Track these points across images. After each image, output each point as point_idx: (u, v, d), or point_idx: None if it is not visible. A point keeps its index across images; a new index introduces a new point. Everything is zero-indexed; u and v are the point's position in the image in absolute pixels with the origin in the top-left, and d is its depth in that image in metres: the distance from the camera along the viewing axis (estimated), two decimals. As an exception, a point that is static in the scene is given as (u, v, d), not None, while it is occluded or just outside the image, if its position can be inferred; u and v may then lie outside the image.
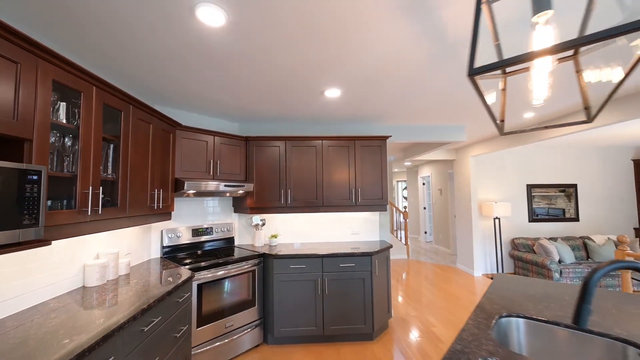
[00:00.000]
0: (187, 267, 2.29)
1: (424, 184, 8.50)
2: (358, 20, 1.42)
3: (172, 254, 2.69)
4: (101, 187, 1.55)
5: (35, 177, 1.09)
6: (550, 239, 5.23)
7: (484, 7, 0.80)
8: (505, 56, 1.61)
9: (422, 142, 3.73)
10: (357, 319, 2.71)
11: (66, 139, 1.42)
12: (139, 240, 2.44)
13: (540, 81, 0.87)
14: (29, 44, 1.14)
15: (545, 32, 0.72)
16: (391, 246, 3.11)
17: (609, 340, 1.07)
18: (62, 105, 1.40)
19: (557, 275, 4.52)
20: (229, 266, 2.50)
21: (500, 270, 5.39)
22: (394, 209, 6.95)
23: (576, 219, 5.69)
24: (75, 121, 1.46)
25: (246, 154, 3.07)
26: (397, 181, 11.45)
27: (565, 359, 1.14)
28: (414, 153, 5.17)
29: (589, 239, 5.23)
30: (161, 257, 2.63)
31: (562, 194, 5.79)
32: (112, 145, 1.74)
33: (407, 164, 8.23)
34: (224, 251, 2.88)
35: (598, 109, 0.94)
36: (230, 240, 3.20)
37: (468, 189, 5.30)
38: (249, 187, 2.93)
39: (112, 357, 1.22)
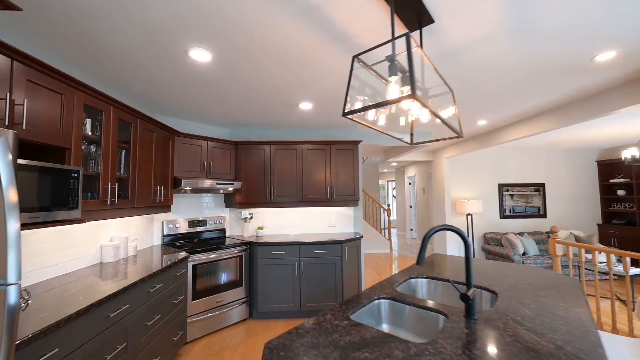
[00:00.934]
0: (183, 250, 2.75)
1: (410, 183, 8.98)
2: (309, 56, 1.89)
3: (171, 242, 3.16)
4: (117, 183, 2.01)
5: (75, 175, 1.55)
6: (519, 233, 5.72)
7: (355, 63, 1.26)
8: (374, 99, 2.09)
9: (391, 145, 4.20)
10: (330, 296, 3.18)
11: (91, 147, 1.89)
12: (144, 229, 2.90)
13: (413, 111, 1.32)
14: (69, 79, 1.61)
15: (395, 87, 1.18)
16: (362, 236, 3.59)
17: (476, 288, 1.54)
18: (88, 121, 1.87)
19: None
20: (220, 251, 2.97)
21: (472, 262, 5.87)
22: (379, 206, 7.43)
23: (544, 216, 6.18)
24: (97, 133, 1.92)
25: (236, 156, 3.54)
26: (388, 181, 11.94)
27: (446, 298, 1.61)
28: (394, 154, 5.65)
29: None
30: (162, 244, 3.09)
31: (537, 192, 6.28)
32: (124, 150, 2.21)
33: (394, 164, 8.71)
34: (216, 240, 3.35)
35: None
36: (222, 231, 3.67)
37: (442, 187, 5.78)
38: (238, 184, 3.39)
39: (128, 305, 1.69)
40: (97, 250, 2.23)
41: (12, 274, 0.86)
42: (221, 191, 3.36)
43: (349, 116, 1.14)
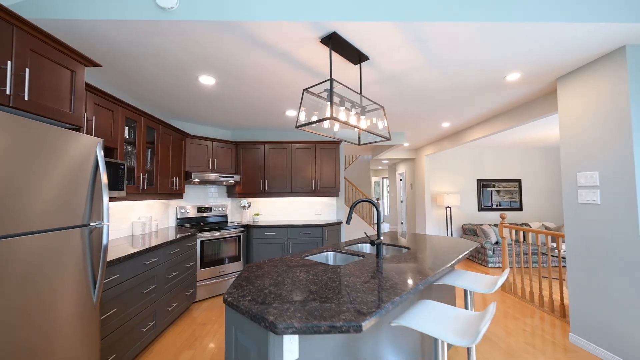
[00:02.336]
0: (193, 229, 3.45)
1: (400, 180, 9.58)
2: (287, 80, 2.55)
3: (182, 224, 3.86)
4: (145, 174, 2.71)
5: (122, 167, 2.25)
6: (494, 225, 6.30)
7: (305, 93, 1.91)
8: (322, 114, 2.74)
9: (370, 145, 4.84)
10: (312, 270, 3.85)
11: (129, 147, 2.59)
12: (162, 212, 3.61)
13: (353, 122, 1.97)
14: (117, 100, 2.30)
15: (328, 109, 1.82)
16: (341, 222, 4.25)
17: (397, 246, 2.20)
18: (127, 128, 2.56)
19: (490, 252, 5.57)
20: (222, 231, 3.66)
21: (450, 250, 6.49)
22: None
23: (520, 209, 6.75)
24: (133, 136, 2.62)
25: (236, 153, 4.22)
26: (383, 178, 12.55)
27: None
28: (378, 152, 6.28)
29: (527, 225, 6.27)
30: (176, 225, 3.80)
31: (515, 188, 6.86)
32: (149, 149, 2.90)
33: (385, 162, 9.33)
34: (220, 223, 4.05)
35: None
36: (225, 217, 4.37)
37: (423, 182, 6.40)
38: (237, 177, 4.08)
39: (157, 259, 2.39)
40: (129, 226, 2.94)
41: (106, 219, 1.55)
42: (224, 183, 4.05)
43: (301, 127, 1.80)
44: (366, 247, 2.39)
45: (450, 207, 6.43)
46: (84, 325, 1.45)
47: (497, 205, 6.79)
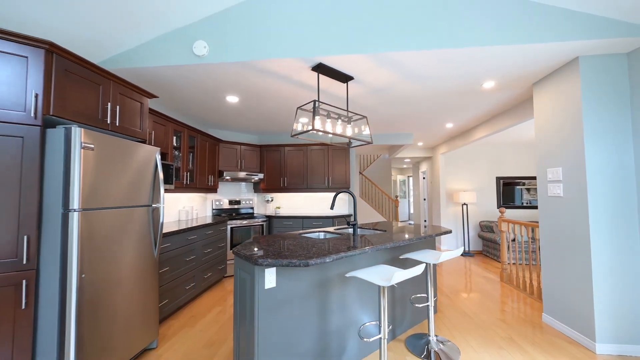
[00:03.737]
0: (225, 218, 4.23)
1: (424, 178, 9.71)
2: (294, 94, 3.16)
3: (218, 214, 4.68)
4: (188, 172, 3.52)
5: (171, 167, 3.04)
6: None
7: (299, 110, 2.49)
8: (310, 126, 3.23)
9: (385, 145, 5.27)
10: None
11: (176, 152, 3.41)
12: (201, 204, 4.46)
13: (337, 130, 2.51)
14: (167, 117, 3.10)
15: (318, 121, 2.37)
16: (350, 214, 4.77)
17: (378, 230, 2.69)
18: (174, 138, 3.38)
19: (505, 248, 5.68)
20: (248, 220, 4.40)
21: (467, 248, 6.62)
22: (388, 198, 8.39)
23: (537, 207, 6.63)
24: (179, 143, 3.43)
25: (260, 155, 4.95)
26: (408, 176, 12.65)
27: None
28: (394, 151, 6.63)
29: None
30: (212, 214, 4.63)
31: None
32: (191, 153, 3.72)
33: (407, 160, 9.54)
34: (247, 214, 4.81)
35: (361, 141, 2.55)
36: (252, 209, 5.13)
37: (438, 180, 6.61)
38: (261, 175, 4.80)
39: (196, 236, 3.15)
40: (176, 213, 3.79)
41: (162, 203, 2.30)
42: (251, 180, 4.80)
43: (295, 135, 2.39)
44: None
45: (466, 204, 6.56)
46: (149, 270, 2.20)
47: (527, 204, 6.73)
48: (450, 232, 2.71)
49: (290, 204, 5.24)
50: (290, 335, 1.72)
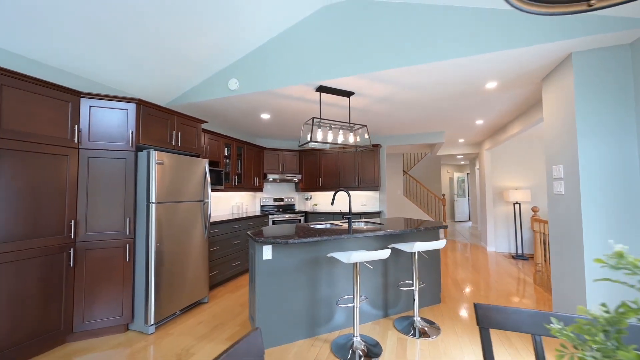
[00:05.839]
0: (270, 213, 5.10)
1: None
2: (308, 109, 3.75)
3: (265, 210, 5.60)
4: (236, 176, 4.46)
5: (221, 172, 3.99)
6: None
7: (306, 124, 3.04)
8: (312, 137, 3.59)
9: (418, 144, 5.43)
10: (352, 248, 4.91)
11: (226, 160, 4.38)
12: (251, 201, 5.44)
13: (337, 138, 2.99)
14: (218, 134, 4.07)
15: (319, 133, 2.88)
16: (380, 212, 5.10)
17: (375, 223, 3.08)
18: (225, 149, 4.35)
19: (539, 249, 5.20)
20: (288, 215, 5.18)
21: (520, 250, 6.13)
22: (434, 196, 8.22)
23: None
24: (228, 153, 4.40)
25: (299, 159, 5.70)
26: (467, 173, 11.83)
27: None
28: (435, 150, 6.58)
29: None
30: (260, 210, 5.58)
31: None
32: (239, 160, 4.67)
33: (459, 156, 9.08)
34: (288, 211, 5.61)
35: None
36: (293, 206, 5.92)
37: (484, 177, 6.30)
38: (300, 176, 5.54)
39: (240, 226, 4.05)
40: (230, 208, 4.80)
41: (208, 198, 3.19)
42: (291, 180, 5.58)
43: (303, 145, 2.99)
44: (360, 224, 3.34)
45: (519, 203, 6.08)
46: (201, 247, 3.10)
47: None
48: (446, 227, 2.92)
49: (326, 201, 5.84)
50: (283, 297, 2.33)
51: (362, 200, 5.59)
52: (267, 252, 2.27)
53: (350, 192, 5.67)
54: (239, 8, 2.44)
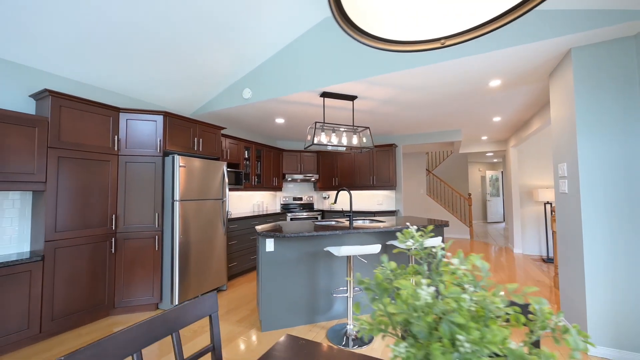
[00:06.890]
0: (289, 211, 5.41)
1: (511, 173, 8.57)
2: (314, 113, 3.97)
3: (284, 208, 5.93)
4: (255, 176, 4.83)
5: (241, 173, 4.37)
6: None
7: (310, 127, 3.25)
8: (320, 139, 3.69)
9: (428, 143, 5.39)
10: (366, 246, 5.03)
11: (246, 162, 4.76)
12: (271, 200, 5.80)
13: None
14: (237, 138, 4.46)
15: (323, 136, 3.07)
16: (396, 211, 5.15)
17: (378, 221, 3.21)
18: (245, 151, 4.74)
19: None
20: (306, 212, 5.44)
21: (549, 251, 5.75)
22: (459, 195, 7.95)
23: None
24: (248, 155, 4.78)
25: (317, 159, 5.93)
26: (502, 171, 11.15)
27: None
28: (456, 148, 6.41)
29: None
30: (280, 208, 5.92)
31: None
32: (258, 161, 5.04)
33: (489, 154, 8.65)
34: (306, 209, 5.88)
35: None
36: (312, 204, 6.17)
37: (510, 176, 6.00)
38: (317, 176, 5.78)
39: (258, 222, 4.40)
40: (251, 206, 5.19)
41: (227, 197, 3.56)
42: (309, 180, 5.84)
43: (308, 147, 3.21)
44: (366, 221, 3.48)
45: (550, 203, 5.71)
46: (220, 240, 3.48)
47: None
48: (447, 224, 2.96)
49: (344, 200, 6.01)
50: (284, 286, 2.59)
51: (379, 199, 5.66)
52: (269, 244, 2.54)
53: (366, 192, 5.78)
54: (251, 25, 2.75)
